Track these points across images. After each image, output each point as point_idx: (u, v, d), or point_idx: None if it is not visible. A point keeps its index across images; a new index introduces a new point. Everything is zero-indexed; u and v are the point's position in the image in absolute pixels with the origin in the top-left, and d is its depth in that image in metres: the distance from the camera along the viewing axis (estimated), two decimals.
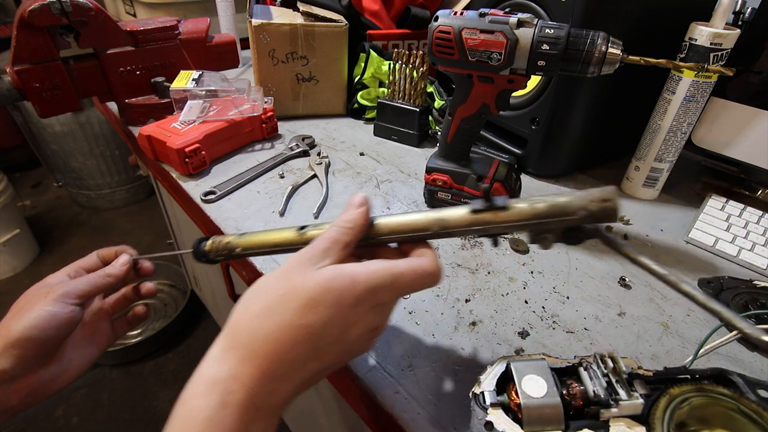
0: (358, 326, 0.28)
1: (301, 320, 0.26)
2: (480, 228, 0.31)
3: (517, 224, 0.30)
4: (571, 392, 0.31)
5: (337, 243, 0.30)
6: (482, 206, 0.31)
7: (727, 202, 0.62)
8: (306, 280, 0.27)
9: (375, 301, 0.29)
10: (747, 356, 0.42)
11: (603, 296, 0.48)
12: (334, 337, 0.27)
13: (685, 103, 0.57)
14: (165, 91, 0.75)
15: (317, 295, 0.27)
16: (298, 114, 0.86)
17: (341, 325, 0.27)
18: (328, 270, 0.28)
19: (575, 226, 0.29)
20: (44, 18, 0.62)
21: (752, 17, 0.59)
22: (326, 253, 0.29)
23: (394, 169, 0.71)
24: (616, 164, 0.73)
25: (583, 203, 0.28)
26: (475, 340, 0.43)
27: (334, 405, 0.64)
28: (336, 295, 0.27)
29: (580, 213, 0.28)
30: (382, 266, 0.29)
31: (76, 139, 1.88)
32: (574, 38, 0.44)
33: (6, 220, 1.70)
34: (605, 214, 0.28)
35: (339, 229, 0.31)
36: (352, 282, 0.27)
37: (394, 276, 0.29)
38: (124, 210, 2.22)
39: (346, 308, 0.27)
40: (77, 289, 0.39)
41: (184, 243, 1.22)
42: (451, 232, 0.32)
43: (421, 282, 0.30)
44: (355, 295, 0.27)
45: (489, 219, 0.30)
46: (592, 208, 0.27)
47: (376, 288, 0.28)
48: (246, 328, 0.27)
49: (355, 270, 0.28)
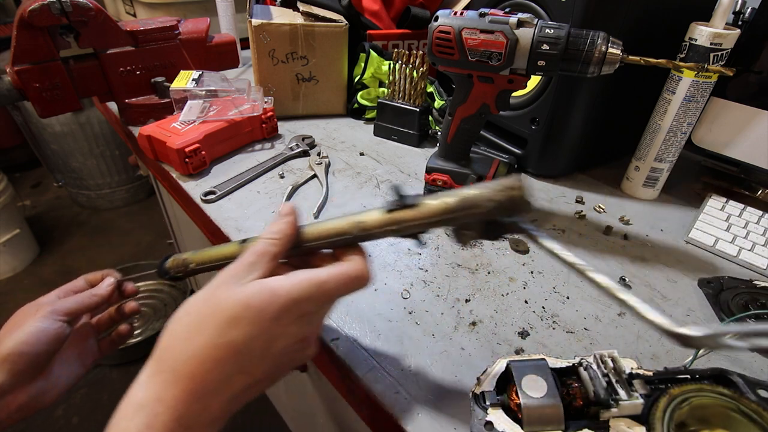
0: (284, 338, 0.29)
1: (222, 339, 0.27)
2: (396, 227, 0.31)
3: (430, 221, 0.30)
4: (571, 392, 0.31)
5: (264, 255, 0.30)
6: (395, 205, 0.30)
7: (727, 202, 0.62)
8: (228, 298, 0.28)
9: (298, 312, 0.29)
10: (747, 356, 0.42)
11: (603, 296, 0.48)
12: (259, 352, 0.28)
13: (685, 103, 0.57)
14: (165, 91, 0.75)
15: (238, 312, 0.27)
16: (298, 114, 0.86)
17: (264, 340, 0.28)
18: (250, 286, 0.28)
19: (492, 220, 0.28)
20: (44, 18, 0.62)
21: (752, 17, 0.59)
22: (252, 267, 0.30)
23: (394, 169, 0.71)
24: (616, 164, 0.73)
25: (490, 194, 0.27)
26: (475, 340, 0.43)
27: (334, 405, 0.64)
28: (256, 311, 0.27)
29: (488, 204, 0.27)
30: (304, 276, 0.29)
31: (76, 139, 1.88)
32: (574, 38, 0.44)
33: (6, 220, 1.70)
34: (513, 204, 0.27)
35: (264, 241, 0.31)
36: (272, 296, 0.28)
37: (316, 285, 0.29)
38: (124, 210, 2.22)
39: (267, 323, 0.27)
40: (65, 306, 0.41)
41: (184, 243, 1.22)
42: (371, 234, 0.31)
43: (346, 287, 0.30)
44: (275, 308, 0.28)
45: (403, 217, 0.30)
46: (499, 198, 0.27)
47: (299, 299, 0.28)
48: (170, 351, 0.28)
49: (275, 283, 0.28)
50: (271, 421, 1.26)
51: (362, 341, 0.42)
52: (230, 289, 0.28)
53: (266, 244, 0.31)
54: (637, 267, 0.53)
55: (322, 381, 0.63)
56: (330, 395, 0.63)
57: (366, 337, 0.43)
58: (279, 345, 0.29)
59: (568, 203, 0.64)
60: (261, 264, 0.30)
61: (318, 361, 0.43)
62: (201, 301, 0.29)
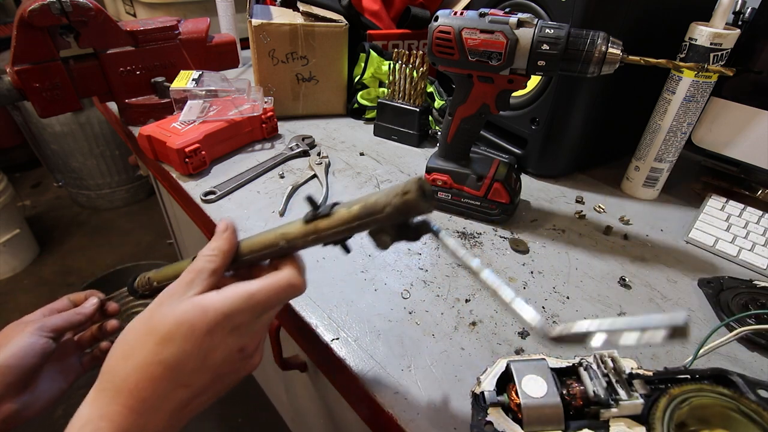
0: (220, 351, 0.30)
1: (156, 357, 0.28)
2: (316, 236, 0.31)
3: (342, 228, 0.30)
4: (571, 392, 0.31)
5: (202, 272, 0.32)
6: (311, 215, 0.31)
7: (727, 202, 0.62)
8: (163, 317, 0.29)
9: (231, 325, 0.30)
10: (747, 356, 0.42)
11: (603, 296, 0.48)
12: (194, 366, 0.29)
13: (685, 103, 0.57)
14: (165, 91, 0.75)
15: (170, 330, 0.29)
16: (298, 114, 0.86)
17: (198, 355, 0.29)
18: (183, 304, 0.30)
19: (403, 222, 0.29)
20: (44, 18, 0.62)
21: (752, 17, 0.59)
22: (190, 285, 0.31)
23: (394, 169, 0.71)
24: (616, 164, 0.73)
25: (388, 199, 0.28)
26: (475, 340, 0.43)
27: (333, 405, 0.64)
28: (187, 328, 0.29)
29: (387, 210, 0.28)
30: (235, 290, 0.30)
31: (76, 139, 1.88)
32: (574, 38, 0.44)
33: (6, 220, 1.70)
34: (408, 207, 0.27)
35: (202, 258, 0.33)
36: (203, 312, 0.29)
37: (245, 298, 0.30)
38: (124, 210, 2.22)
39: (200, 338, 0.29)
40: (51, 323, 0.43)
41: (184, 243, 1.22)
42: (296, 245, 0.32)
43: (277, 297, 0.31)
44: (206, 324, 0.29)
45: (318, 227, 0.31)
46: (395, 202, 0.27)
47: (229, 313, 0.30)
48: (112, 369, 0.29)
49: (206, 300, 0.30)
50: (271, 421, 1.26)
51: (362, 341, 0.42)
52: (166, 308, 0.30)
53: (204, 261, 0.33)
54: (637, 267, 0.53)
55: (322, 381, 0.63)
56: (330, 395, 0.63)
57: (366, 337, 0.43)
58: (216, 358, 0.30)
59: (568, 203, 0.64)
60: (199, 281, 0.31)
61: (318, 361, 0.43)
62: (141, 321, 0.30)
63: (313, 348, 0.43)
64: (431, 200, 0.28)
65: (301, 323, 0.45)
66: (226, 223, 0.35)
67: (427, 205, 0.27)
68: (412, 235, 0.30)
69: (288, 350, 0.63)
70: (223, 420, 1.33)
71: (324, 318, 0.45)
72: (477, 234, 0.57)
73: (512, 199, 0.56)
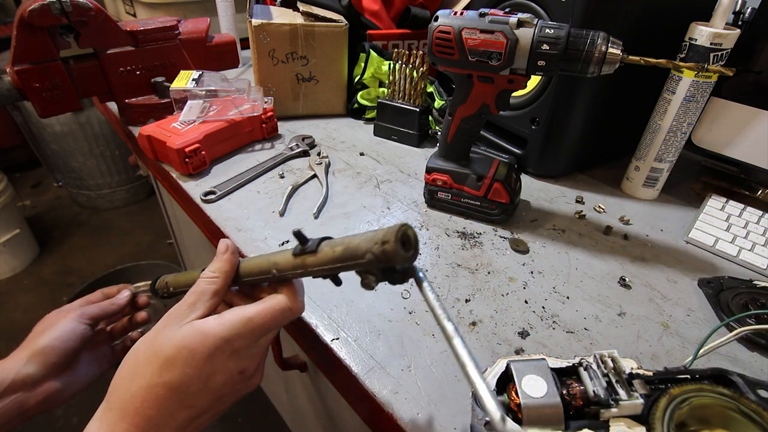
0: (221, 374, 0.31)
1: (160, 379, 0.30)
2: (302, 270, 0.32)
3: (327, 268, 0.30)
4: (571, 392, 0.31)
5: (204, 294, 0.34)
6: (298, 250, 0.32)
7: (727, 202, 0.62)
8: (165, 341, 0.31)
9: (230, 349, 0.31)
10: (747, 356, 0.42)
11: (603, 296, 0.48)
12: (196, 388, 0.31)
13: (685, 103, 0.57)
14: (165, 91, 0.75)
15: (172, 355, 0.30)
16: (298, 114, 0.86)
17: (199, 378, 0.30)
18: (184, 329, 0.31)
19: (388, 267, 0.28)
20: (44, 18, 0.62)
21: (752, 17, 0.59)
22: (193, 307, 0.33)
23: (394, 169, 0.71)
24: (616, 164, 0.73)
25: (368, 246, 0.27)
26: (475, 340, 0.43)
27: (333, 405, 0.64)
28: (188, 353, 0.30)
29: (368, 256, 0.27)
30: (233, 315, 0.32)
31: (76, 139, 1.88)
32: (574, 38, 0.44)
33: (6, 220, 1.70)
34: (386, 257, 0.26)
35: (204, 281, 0.34)
36: (203, 337, 0.30)
37: (243, 323, 0.31)
38: (124, 210, 2.22)
39: (201, 362, 0.30)
40: (89, 311, 0.48)
41: (184, 243, 1.22)
42: (285, 275, 0.33)
43: (275, 320, 0.33)
44: (207, 349, 0.30)
45: (306, 262, 0.31)
46: (375, 251, 0.26)
47: (228, 338, 0.31)
48: (118, 390, 0.31)
49: (206, 326, 0.31)
50: (271, 421, 1.26)
51: (362, 341, 0.42)
52: (169, 332, 0.31)
53: (205, 284, 0.34)
54: (637, 267, 0.53)
55: (322, 381, 0.63)
56: (330, 395, 0.63)
57: (366, 337, 0.43)
58: (217, 380, 0.31)
59: (568, 203, 0.64)
60: (201, 303, 0.33)
61: (318, 361, 0.43)
62: (145, 343, 0.32)
63: (313, 348, 0.43)
64: (413, 249, 0.27)
65: (301, 323, 0.45)
66: (227, 244, 0.36)
67: (406, 255, 0.26)
68: (398, 278, 0.29)
69: (288, 350, 0.63)
70: (223, 420, 1.33)
71: (324, 318, 0.45)
72: (477, 234, 0.57)
73: (512, 199, 0.56)
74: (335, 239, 0.31)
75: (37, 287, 1.75)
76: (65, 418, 1.31)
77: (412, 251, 0.27)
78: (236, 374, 0.32)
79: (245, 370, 0.33)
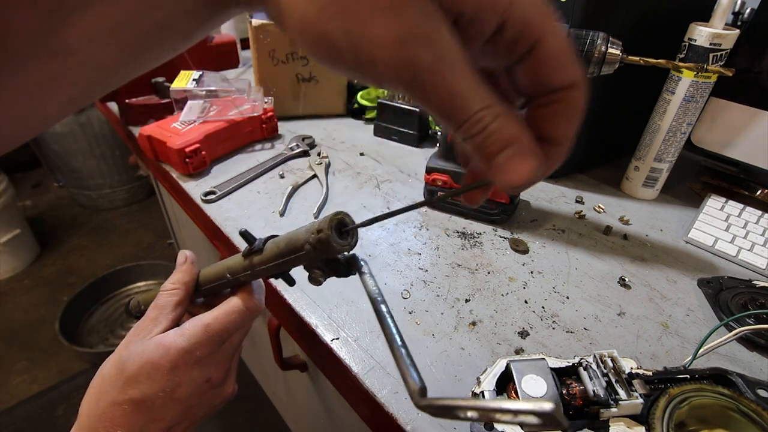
0: (186, 385, 0.32)
1: (125, 396, 0.30)
2: (252, 272, 0.32)
3: (273, 264, 0.30)
4: (571, 392, 0.31)
5: (165, 308, 0.34)
6: (246, 251, 0.32)
7: (726, 202, 0.62)
8: (128, 359, 0.31)
9: (193, 359, 0.32)
10: (746, 356, 0.42)
11: (603, 296, 0.48)
12: (162, 401, 0.31)
13: (684, 103, 0.57)
14: (165, 91, 0.75)
15: (135, 371, 0.30)
16: (298, 114, 0.86)
17: (164, 391, 0.31)
18: (146, 344, 0.31)
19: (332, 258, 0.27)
20: None
21: (752, 17, 0.59)
22: (156, 321, 0.33)
23: (394, 169, 0.71)
24: (616, 164, 0.73)
25: (306, 236, 0.27)
26: (475, 340, 0.43)
27: (334, 405, 0.64)
28: (151, 367, 0.30)
29: (306, 247, 0.27)
30: (192, 325, 0.32)
31: (77, 139, 1.88)
32: (573, 38, 0.44)
33: (6, 220, 1.70)
34: (322, 246, 0.26)
35: (164, 294, 0.35)
36: (164, 351, 0.31)
37: (202, 330, 0.32)
38: (124, 210, 2.22)
39: (164, 375, 0.31)
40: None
41: (184, 243, 1.22)
42: (238, 278, 0.33)
43: (233, 323, 0.33)
44: (169, 361, 0.31)
45: (254, 262, 0.31)
46: (311, 240, 0.26)
47: (189, 348, 0.31)
48: (87, 410, 0.31)
49: (167, 339, 0.31)
50: (271, 421, 1.26)
51: (362, 341, 0.42)
52: (132, 348, 0.32)
53: (166, 296, 0.34)
54: (636, 267, 0.53)
55: (322, 381, 0.63)
56: (330, 395, 0.63)
57: (366, 336, 0.43)
58: (183, 391, 0.32)
59: (567, 203, 0.64)
60: (163, 316, 0.33)
61: (318, 361, 0.43)
62: (111, 362, 0.32)
63: (313, 348, 0.43)
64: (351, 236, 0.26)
65: (301, 323, 0.45)
66: (186, 255, 0.37)
67: (342, 243, 0.25)
68: (343, 270, 0.28)
69: (288, 350, 0.63)
70: (223, 420, 1.34)
71: (324, 318, 0.45)
72: (477, 234, 0.57)
73: (512, 199, 0.57)
74: (281, 236, 0.30)
75: (38, 287, 1.75)
76: (65, 417, 1.31)
77: (349, 238, 0.26)
78: (203, 383, 0.33)
79: (212, 379, 0.33)
